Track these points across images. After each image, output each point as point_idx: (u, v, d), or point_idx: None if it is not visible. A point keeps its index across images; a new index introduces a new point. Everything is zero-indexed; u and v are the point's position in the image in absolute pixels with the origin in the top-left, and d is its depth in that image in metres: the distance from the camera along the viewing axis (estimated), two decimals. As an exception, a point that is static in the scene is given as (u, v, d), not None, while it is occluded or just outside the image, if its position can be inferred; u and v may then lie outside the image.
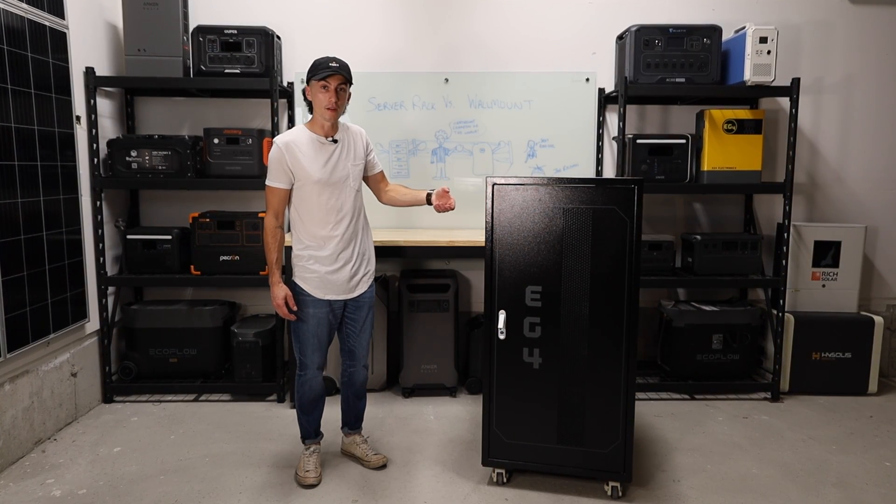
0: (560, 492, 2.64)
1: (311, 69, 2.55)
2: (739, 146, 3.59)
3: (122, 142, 3.53)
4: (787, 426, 3.32)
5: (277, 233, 2.60)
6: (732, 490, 2.67)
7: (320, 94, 2.53)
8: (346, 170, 2.61)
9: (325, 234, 2.59)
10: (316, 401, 2.76)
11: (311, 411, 2.77)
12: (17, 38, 2.83)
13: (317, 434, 2.82)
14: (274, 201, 2.58)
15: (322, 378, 2.74)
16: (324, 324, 2.65)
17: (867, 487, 2.70)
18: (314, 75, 2.53)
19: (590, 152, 3.96)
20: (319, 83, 2.52)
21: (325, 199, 2.56)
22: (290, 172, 2.55)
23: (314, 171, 2.54)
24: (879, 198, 4.07)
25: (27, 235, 2.90)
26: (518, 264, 2.57)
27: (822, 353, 3.73)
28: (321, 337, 2.66)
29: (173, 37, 3.46)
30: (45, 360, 3.09)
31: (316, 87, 2.53)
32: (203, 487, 2.65)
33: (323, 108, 2.53)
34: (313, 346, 2.65)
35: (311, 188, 2.55)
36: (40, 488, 2.64)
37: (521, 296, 2.58)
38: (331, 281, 2.61)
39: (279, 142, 2.55)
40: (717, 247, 3.66)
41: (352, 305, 2.71)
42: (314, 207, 2.57)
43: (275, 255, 2.59)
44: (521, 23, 3.92)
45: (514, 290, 2.58)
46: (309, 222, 2.59)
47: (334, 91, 2.53)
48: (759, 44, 3.39)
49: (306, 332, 2.64)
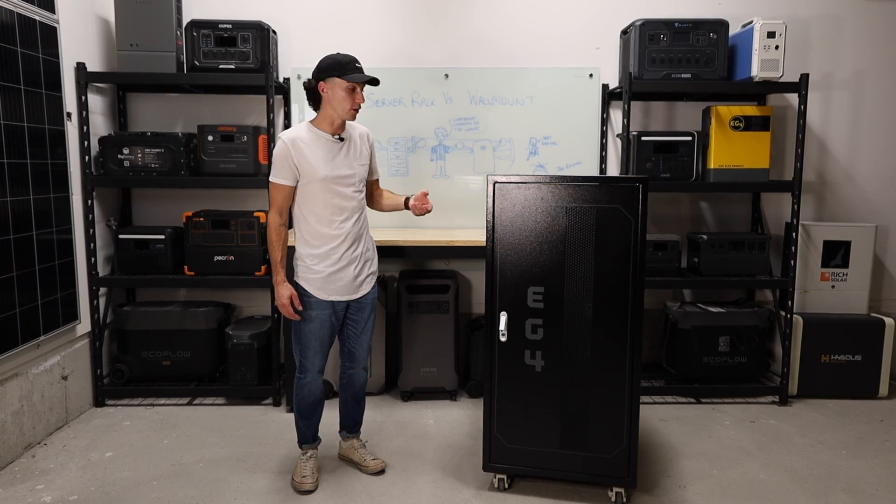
0: (563, 497, 2.63)
1: (336, 66, 2.49)
2: (747, 143, 3.55)
3: (114, 139, 3.50)
4: (796, 430, 3.30)
5: (282, 231, 2.58)
6: (740, 496, 2.65)
7: (344, 93, 2.49)
8: (353, 169, 2.59)
9: (330, 233, 2.56)
10: (315, 405, 2.73)
11: (310, 416, 2.74)
12: (6, 33, 2.82)
13: (314, 439, 2.79)
14: (278, 198, 2.56)
15: (322, 382, 2.71)
16: (326, 326, 2.62)
17: (878, 493, 2.67)
18: (341, 74, 2.48)
19: (593, 150, 3.94)
20: (347, 83, 2.48)
21: (329, 197, 2.54)
22: (295, 169, 2.52)
23: (320, 168, 2.51)
24: (890, 196, 4.04)
25: (16, 235, 2.88)
26: (520, 265, 2.57)
27: (831, 356, 3.70)
28: (323, 339, 2.63)
29: (166, 31, 3.44)
30: (35, 363, 3.07)
31: (339, 86, 2.48)
32: (197, 493, 2.64)
33: (348, 108, 2.50)
34: (315, 349, 2.63)
35: (317, 186, 2.53)
36: (30, 494, 2.62)
37: (523, 297, 2.57)
38: (334, 281, 2.59)
39: (285, 137, 2.52)
40: (724, 247, 3.63)
41: (354, 306, 2.69)
42: (319, 206, 2.55)
43: (279, 253, 2.57)
44: (522, 17, 3.89)
45: (515, 291, 2.58)
46: (313, 221, 2.56)
47: (361, 93, 2.53)
48: (766, 38, 3.36)
49: (308, 333, 2.61)
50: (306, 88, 2.57)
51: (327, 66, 2.50)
